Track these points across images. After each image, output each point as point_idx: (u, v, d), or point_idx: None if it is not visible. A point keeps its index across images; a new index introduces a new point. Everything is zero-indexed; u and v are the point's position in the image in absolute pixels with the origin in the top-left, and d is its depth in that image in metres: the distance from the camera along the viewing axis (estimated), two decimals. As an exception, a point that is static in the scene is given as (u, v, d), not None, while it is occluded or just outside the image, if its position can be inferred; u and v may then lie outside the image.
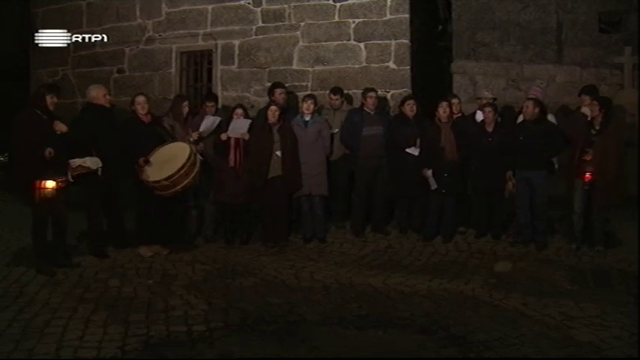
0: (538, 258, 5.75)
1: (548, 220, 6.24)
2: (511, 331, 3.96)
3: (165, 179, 5.56)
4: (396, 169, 6.51)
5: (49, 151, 5.08)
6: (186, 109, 6.40)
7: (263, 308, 4.41)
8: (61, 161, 5.22)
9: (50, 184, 5.16)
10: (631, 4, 7.95)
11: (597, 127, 5.75)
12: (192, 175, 5.69)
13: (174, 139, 5.98)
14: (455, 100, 6.71)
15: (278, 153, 6.21)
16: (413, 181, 6.36)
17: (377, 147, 6.51)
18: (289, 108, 7.03)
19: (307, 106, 6.43)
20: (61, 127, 5.28)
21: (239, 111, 6.39)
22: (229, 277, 5.21)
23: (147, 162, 5.65)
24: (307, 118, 6.43)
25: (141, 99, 5.99)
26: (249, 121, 6.35)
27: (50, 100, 5.33)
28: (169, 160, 5.66)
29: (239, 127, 6.23)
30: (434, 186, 6.24)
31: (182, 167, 5.59)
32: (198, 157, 5.84)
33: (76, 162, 5.35)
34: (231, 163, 6.18)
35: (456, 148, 6.23)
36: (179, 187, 5.64)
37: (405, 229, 6.69)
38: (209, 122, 6.41)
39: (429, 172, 6.25)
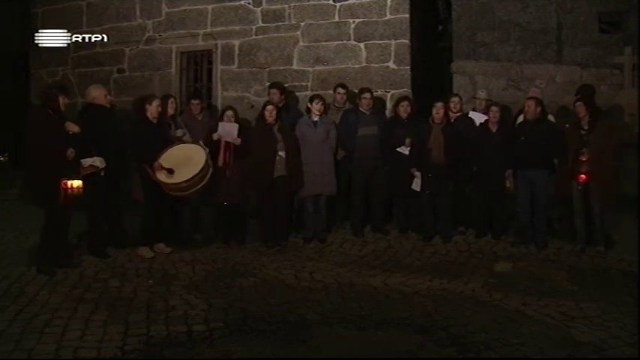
0: (538, 258, 5.76)
1: (549, 220, 6.24)
2: (511, 331, 3.96)
3: (186, 181, 5.59)
4: (391, 168, 6.53)
5: (71, 151, 5.13)
6: (172, 108, 6.24)
7: (263, 308, 4.40)
8: (74, 161, 5.24)
9: (77, 183, 5.19)
10: (631, 4, 7.95)
11: (586, 127, 5.79)
12: (208, 177, 5.75)
13: (180, 141, 5.96)
14: (455, 99, 6.72)
15: (281, 153, 6.19)
16: (406, 181, 6.38)
17: (372, 147, 6.51)
18: (291, 108, 7.02)
19: (318, 108, 6.38)
20: (73, 127, 5.30)
21: (229, 113, 6.31)
22: (229, 277, 5.21)
23: (169, 170, 5.59)
24: (316, 119, 6.40)
25: (158, 102, 5.94)
26: (237, 125, 6.25)
27: (62, 100, 5.34)
28: (185, 161, 5.67)
29: (228, 130, 6.17)
30: (417, 187, 6.27)
31: (201, 170, 5.64)
32: (209, 160, 5.85)
33: (87, 162, 5.40)
34: (220, 163, 6.13)
35: (443, 150, 6.23)
36: (198, 187, 5.69)
37: (404, 229, 6.69)
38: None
39: (418, 173, 6.28)
